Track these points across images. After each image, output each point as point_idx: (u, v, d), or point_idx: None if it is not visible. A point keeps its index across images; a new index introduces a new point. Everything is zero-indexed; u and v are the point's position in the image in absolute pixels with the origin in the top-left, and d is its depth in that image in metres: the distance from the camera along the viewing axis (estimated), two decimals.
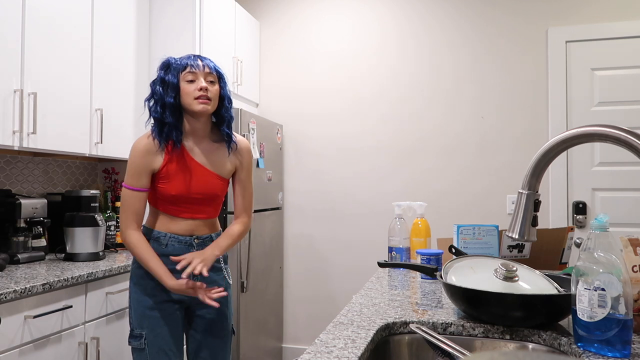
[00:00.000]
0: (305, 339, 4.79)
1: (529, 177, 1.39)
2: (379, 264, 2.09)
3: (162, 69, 2.33)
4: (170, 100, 2.26)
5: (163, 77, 2.30)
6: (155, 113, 2.29)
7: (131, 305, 2.34)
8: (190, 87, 2.27)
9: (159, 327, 2.29)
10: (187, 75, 2.27)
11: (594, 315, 1.26)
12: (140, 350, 2.28)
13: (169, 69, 2.30)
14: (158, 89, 2.29)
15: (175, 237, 2.33)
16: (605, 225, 1.28)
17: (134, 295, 2.33)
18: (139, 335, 2.29)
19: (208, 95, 2.27)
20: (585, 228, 4.14)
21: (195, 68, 2.28)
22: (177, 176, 2.30)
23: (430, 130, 4.52)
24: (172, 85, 2.27)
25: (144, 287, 2.31)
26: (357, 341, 1.38)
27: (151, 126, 2.33)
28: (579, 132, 1.31)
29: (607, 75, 4.13)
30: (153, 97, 2.31)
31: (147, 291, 2.30)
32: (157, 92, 2.29)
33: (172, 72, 2.29)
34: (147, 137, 2.31)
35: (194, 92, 2.25)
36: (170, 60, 2.34)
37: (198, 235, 2.37)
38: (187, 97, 2.27)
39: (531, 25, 4.31)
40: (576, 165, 4.19)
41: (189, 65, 2.28)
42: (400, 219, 2.80)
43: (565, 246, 2.45)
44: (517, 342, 1.48)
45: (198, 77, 2.28)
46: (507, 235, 1.42)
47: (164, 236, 2.32)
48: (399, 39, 4.62)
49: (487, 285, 1.60)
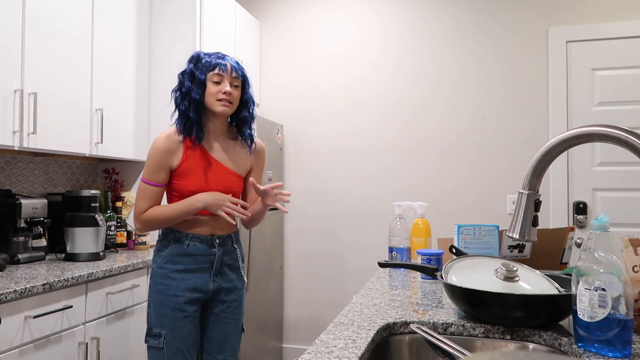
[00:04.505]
0: (306, 339, 4.79)
1: (530, 177, 1.39)
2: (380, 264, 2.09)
3: (192, 62, 2.39)
4: (196, 97, 2.32)
5: (193, 71, 2.36)
6: (182, 106, 2.35)
7: (151, 304, 2.37)
8: (215, 88, 2.33)
9: (179, 328, 2.32)
10: (214, 76, 2.33)
11: (594, 315, 1.26)
12: (159, 349, 2.32)
13: (198, 64, 2.36)
14: (187, 82, 2.36)
15: (197, 236, 2.37)
16: (606, 225, 1.28)
17: (154, 295, 2.36)
18: (158, 335, 2.32)
19: (230, 99, 2.34)
20: (585, 228, 4.14)
21: (224, 70, 2.34)
22: (196, 172, 2.36)
23: (430, 130, 4.52)
24: (200, 82, 2.33)
25: (167, 287, 2.34)
26: (357, 341, 1.38)
27: (175, 121, 2.40)
28: (580, 132, 1.31)
29: (607, 75, 4.13)
30: (181, 90, 2.37)
31: (169, 291, 2.33)
32: (186, 86, 2.35)
33: (200, 68, 2.35)
34: (166, 133, 2.38)
35: (218, 94, 2.32)
36: (200, 54, 2.40)
37: (218, 234, 2.42)
38: (210, 97, 2.33)
39: (532, 25, 4.31)
40: (577, 165, 4.19)
41: (218, 66, 2.34)
42: (400, 219, 2.80)
43: (565, 246, 2.45)
44: (518, 342, 1.48)
45: (224, 80, 2.34)
46: (508, 235, 1.42)
47: (185, 236, 2.37)
48: (400, 39, 4.62)
49: (487, 285, 1.60)
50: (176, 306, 2.32)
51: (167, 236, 2.39)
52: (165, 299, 2.33)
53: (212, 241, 2.39)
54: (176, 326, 2.32)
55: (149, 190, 2.35)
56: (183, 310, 2.33)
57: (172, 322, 2.32)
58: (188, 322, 2.34)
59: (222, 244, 2.43)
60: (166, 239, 2.39)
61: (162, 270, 2.35)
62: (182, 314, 2.32)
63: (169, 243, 2.37)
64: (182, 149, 2.35)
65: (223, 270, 2.44)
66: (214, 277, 2.40)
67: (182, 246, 2.36)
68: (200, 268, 2.37)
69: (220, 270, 2.42)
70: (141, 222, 2.36)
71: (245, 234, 3.86)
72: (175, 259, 2.35)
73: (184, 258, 2.35)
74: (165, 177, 2.36)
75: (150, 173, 2.34)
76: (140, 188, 2.37)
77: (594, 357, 1.25)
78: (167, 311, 2.32)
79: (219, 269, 2.42)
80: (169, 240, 2.38)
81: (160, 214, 2.32)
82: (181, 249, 2.35)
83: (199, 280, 2.36)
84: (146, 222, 2.35)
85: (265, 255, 4.31)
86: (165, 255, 2.36)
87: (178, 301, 2.32)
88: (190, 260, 2.35)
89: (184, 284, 2.33)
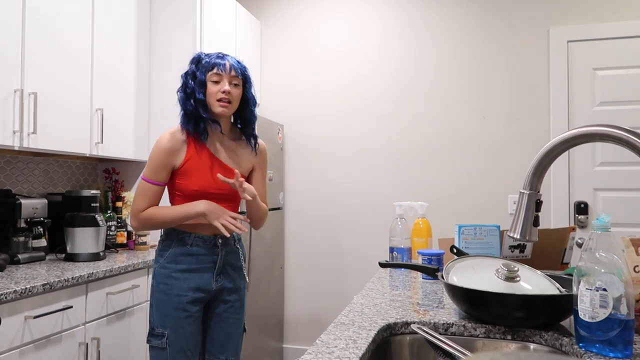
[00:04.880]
0: (306, 339, 4.80)
1: (531, 177, 1.39)
2: (380, 264, 2.09)
3: (193, 63, 2.40)
4: (200, 97, 2.33)
5: (195, 71, 2.37)
6: (188, 106, 2.36)
7: (153, 304, 2.37)
8: (214, 88, 2.34)
9: (182, 328, 2.32)
10: (213, 76, 2.35)
11: (595, 315, 1.26)
12: (161, 349, 2.31)
13: (199, 65, 2.38)
14: (190, 83, 2.37)
15: (200, 236, 2.37)
16: (607, 226, 1.28)
17: (157, 294, 2.36)
18: (161, 335, 2.32)
19: (229, 99, 2.35)
20: (586, 228, 4.14)
21: (222, 70, 2.35)
22: (198, 172, 2.36)
23: (432, 129, 4.51)
24: (201, 82, 2.34)
25: (169, 286, 2.34)
26: (358, 341, 1.38)
27: (180, 121, 2.40)
28: (581, 132, 1.31)
29: (609, 75, 4.13)
30: (185, 90, 2.38)
31: (172, 291, 2.33)
32: (189, 86, 2.36)
33: (201, 68, 2.36)
34: (170, 132, 2.38)
35: (217, 94, 2.34)
36: (201, 55, 2.41)
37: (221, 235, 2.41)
38: (210, 97, 2.35)
39: (532, 25, 4.31)
40: (578, 165, 4.18)
41: (217, 65, 2.35)
42: (401, 219, 2.80)
43: (566, 246, 2.45)
44: (519, 342, 1.48)
45: (223, 79, 2.35)
46: (509, 235, 1.42)
47: (188, 236, 2.37)
48: (401, 38, 4.61)
49: (488, 285, 1.60)
50: (179, 306, 2.32)
51: (170, 236, 2.39)
52: (168, 299, 2.33)
53: (215, 241, 2.39)
54: (179, 326, 2.31)
55: (149, 189, 2.34)
56: (186, 310, 2.33)
57: (175, 322, 2.31)
58: (191, 322, 2.34)
59: (225, 244, 2.43)
60: (169, 238, 2.39)
61: (165, 270, 2.35)
62: (184, 313, 2.32)
63: (172, 243, 2.37)
64: (185, 149, 2.35)
65: (226, 270, 2.44)
66: (217, 277, 2.40)
67: (185, 246, 2.36)
68: (203, 268, 2.37)
69: (223, 270, 2.43)
70: (138, 221, 2.35)
71: (246, 235, 3.86)
72: (178, 259, 2.35)
73: (187, 258, 2.35)
74: (167, 176, 2.36)
75: (152, 171, 2.34)
76: (140, 186, 2.36)
77: (595, 357, 1.25)
78: (170, 311, 2.32)
79: (221, 269, 2.42)
80: (171, 240, 2.38)
81: (158, 215, 2.31)
82: (184, 249, 2.35)
83: (202, 280, 2.36)
84: (143, 222, 2.34)
85: (265, 255, 4.31)
86: (168, 255, 2.36)
87: (181, 301, 2.32)
88: (193, 260, 2.35)
89: (187, 284, 2.33)
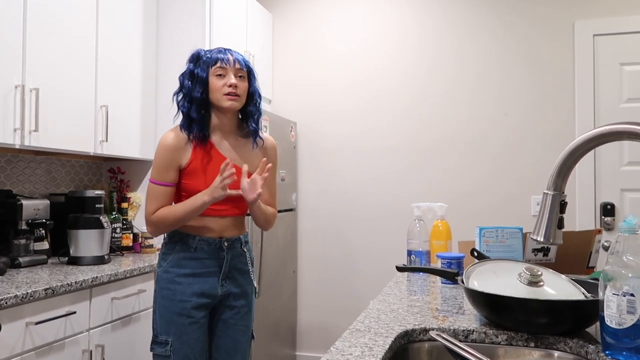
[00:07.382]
0: (320, 346, 4.80)
1: (555, 177, 1.39)
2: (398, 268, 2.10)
3: (192, 62, 2.41)
4: (197, 95, 2.33)
5: (192, 70, 2.37)
6: (183, 107, 2.36)
7: (156, 311, 2.38)
8: (219, 83, 2.33)
9: (186, 334, 2.32)
10: (217, 70, 2.34)
11: (622, 321, 1.25)
12: (165, 357, 2.32)
13: (199, 62, 2.38)
14: (187, 82, 2.37)
15: (204, 239, 2.37)
16: (635, 228, 1.27)
17: (160, 300, 2.37)
18: (164, 342, 2.32)
19: (237, 92, 2.34)
20: (613, 230, 4.11)
21: (226, 63, 2.34)
22: (205, 171, 2.36)
23: (451, 127, 4.51)
24: (201, 79, 2.34)
25: (172, 292, 2.34)
26: (374, 349, 1.38)
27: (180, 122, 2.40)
28: (607, 130, 1.30)
29: (636, 70, 4.10)
30: (182, 91, 2.38)
31: (175, 297, 2.33)
32: (186, 86, 2.36)
33: (201, 65, 2.36)
34: (173, 131, 2.39)
35: (223, 88, 2.33)
36: (200, 52, 2.41)
37: (227, 237, 2.42)
38: (215, 92, 2.34)
39: (557, 18, 4.29)
40: (604, 165, 4.16)
41: (220, 59, 2.34)
42: (419, 221, 2.80)
43: (592, 249, 2.44)
44: (542, 350, 1.47)
45: (228, 73, 2.35)
46: (532, 238, 1.42)
47: (192, 239, 2.37)
48: (418, 32, 4.61)
49: (510, 290, 1.60)
50: (183, 312, 2.32)
51: (173, 239, 2.39)
52: (171, 305, 2.33)
53: (220, 244, 2.39)
54: (183, 333, 2.32)
55: (158, 191, 2.35)
56: (190, 316, 2.33)
57: (179, 329, 2.32)
58: (195, 328, 2.34)
59: (231, 247, 2.43)
60: (172, 241, 2.40)
61: (168, 274, 2.36)
62: (189, 320, 2.33)
63: (175, 246, 2.38)
64: (190, 148, 2.36)
65: (232, 274, 2.44)
66: (222, 282, 2.40)
67: (189, 249, 2.36)
68: (208, 272, 2.37)
69: (229, 275, 2.42)
70: (152, 224, 2.35)
71: (258, 237, 3.86)
72: (182, 263, 2.35)
73: (191, 262, 2.35)
74: (175, 177, 2.36)
75: (158, 172, 2.35)
76: (149, 189, 2.37)
77: None
78: (174, 317, 2.32)
79: (227, 273, 2.42)
80: (175, 243, 2.38)
81: (169, 214, 2.31)
82: (188, 252, 2.36)
83: (207, 285, 2.36)
84: (157, 224, 2.34)
85: (277, 258, 4.32)
86: (172, 258, 2.37)
87: (185, 307, 2.32)
88: (197, 264, 2.35)
89: (191, 289, 2.33)
